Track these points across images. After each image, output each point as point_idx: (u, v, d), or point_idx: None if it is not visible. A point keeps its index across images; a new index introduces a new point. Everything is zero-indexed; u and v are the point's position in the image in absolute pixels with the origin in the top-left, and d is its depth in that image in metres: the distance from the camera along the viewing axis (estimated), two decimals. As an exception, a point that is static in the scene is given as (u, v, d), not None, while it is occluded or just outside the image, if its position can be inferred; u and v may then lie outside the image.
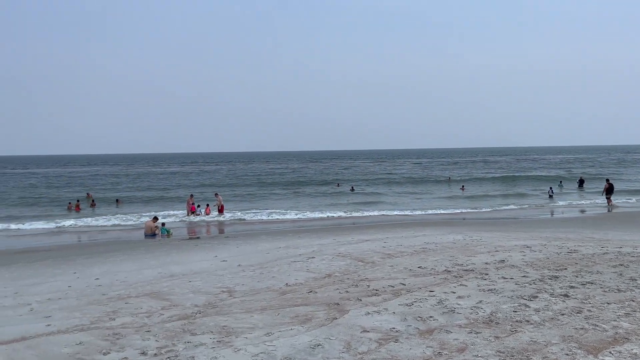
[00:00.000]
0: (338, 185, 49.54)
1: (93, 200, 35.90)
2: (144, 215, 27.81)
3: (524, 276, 10.23)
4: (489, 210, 29.45)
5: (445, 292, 9.15)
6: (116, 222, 26.64)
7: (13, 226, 25.34)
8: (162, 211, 30.04)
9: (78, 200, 34.04)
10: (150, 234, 21.05)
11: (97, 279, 11.79)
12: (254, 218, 27.31)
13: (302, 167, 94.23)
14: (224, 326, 7.67)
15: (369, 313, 8.04)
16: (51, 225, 25.76)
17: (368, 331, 7.19)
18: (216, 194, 30.98)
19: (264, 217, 27.41)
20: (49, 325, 8.05)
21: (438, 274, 10.73)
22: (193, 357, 6.43)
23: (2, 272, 13.08)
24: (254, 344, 6.80)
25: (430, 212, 28.55)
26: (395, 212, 28.61)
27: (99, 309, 8.94)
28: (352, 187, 43.64)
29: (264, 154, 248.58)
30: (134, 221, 26.76)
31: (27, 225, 25.75)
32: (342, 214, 28.31)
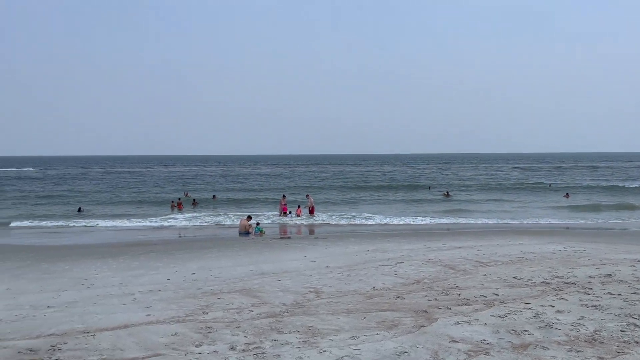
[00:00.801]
0: (429, 189, 48.39)
1: (194, 200, 38.03)
2: (238, 215, 28.91)
3: (634, 293, 9.37)
4: (594, 220, 27.36)
5: (542, 306, 8.60)
6: (213, 221, 27.93)
7: (127, 223, 27.39)
8: (256, 211, 31.07)
9: (180, 199, 36.19)
10: (245, 233, 21.82)
11: (194, 273, 12.40)
12: (343, 221, 27.41)
13: (393, 170, 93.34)
14: (310, 326, 7.74)
15: (458, 323, 7.75)
16: (154, 222, 27.54)
17: (457, 341, 6.92)
18: (307, 195, 31.51)
19: (354, 220, 27.42)
20: (149, 315, 8.58)
21: (535, 286, 10.12)
22: (279, 355, 6.54)
23: (111, 263, 14.14)
24: (339, 347, 6.79)
25: (529, 220, 27.04)
26: (492, 221, 27.41)
27: (193, 303, 9.39)
28: (447, 192, 42.43)
29: (355, 157, 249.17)
30: (230, 220, 27.90)
31: (135, 222, 27.75)
32: (433, 219, 27.63)
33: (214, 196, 40.12)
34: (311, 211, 29.42)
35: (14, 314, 8.80)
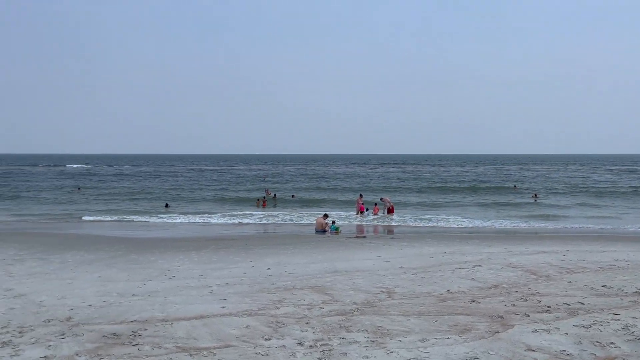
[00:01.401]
0: (515, 187, 46.18)
1: (275, 195, 39.21)
2: (315, 213, 29.24)
3: None
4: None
5: (633, 317, 7.95)
6: (291, 218, 28.45)
7: (210, 219, 28.60)
8: (333, 210, 31.28)
9: (264, 197, 37.46)
10: (321, 230, 22.02)
11: (269, 269, 12.68)
12: (420, 222, 26.90)
13: (476, 171, 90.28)
14: (380, 326, 7.66)
15: (536, 331, 7.34)
16: (235, 219, 28.52)
17: (533, 350, 6.56)
18: (382, 199, 30.95)
19: (432, 222, 26.82)
20: (223, 307, 8.88)
21: (627, 296, 9.38)
22: (346, 353, 6.53)
23: (193, 256, 14.79)
24: (408, 349, 6.66)
25: (630, 226, 25.10)
26: (582, 225, 25.75)
27: (267, 297, 9.60)
28: (535, 195, 40.38)
29: (436, 157, 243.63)
30: (306, 219, 28.28)
31: (218, 218, 28.89)
32: (516, 223, 26.40)
33: (292, 195, 40.90)
34: (390, 211, 29.12)
35: (103, 300, 9.43)
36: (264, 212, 31.19)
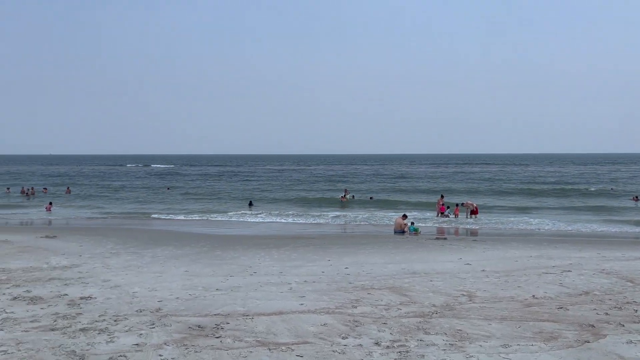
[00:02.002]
0: (636, 198, 43.01)
1: (353, 196, 39.41)
2: (393, 213, 28.98)
3: None
4: None
5: None
6: (369, 218, 28.40)
7: (290, 218, 29.24)
8: (413, 210, 30.85)
9: (346, 197, 38.07)
10: (399, 231, 21.80)
11: (347, 268, 12.74)
12: (504, 224, 25.86)
13: (564, 171, 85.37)
14: (459, 330, 7.47)
15: (631, 342, 6.85)
16: (313, 219, 28.92)
17: (628, 363, 6.12)
18: (463, 204, 29.81)
19: (518, 224, 25.69)
20: (302, 304, 9.04)
21: None
22: (423, 355, 6.43)
23: (274, 254, 15.17)
24: (488, 354, 6.46)
25: None
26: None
27: (344, 296, 9.66)
28: (636, 197, 37.46)
29: (521, 157, 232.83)
30: (387, 219, 28.10)
31: (298, 217, 29.46)
32: (615, 228, 24.68)
33: (370, 197, 40.78)
34: (474, 212, 28.23)
35: (189, 293, 9.92)
36: (342, 212, 31.41)
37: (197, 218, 29.05)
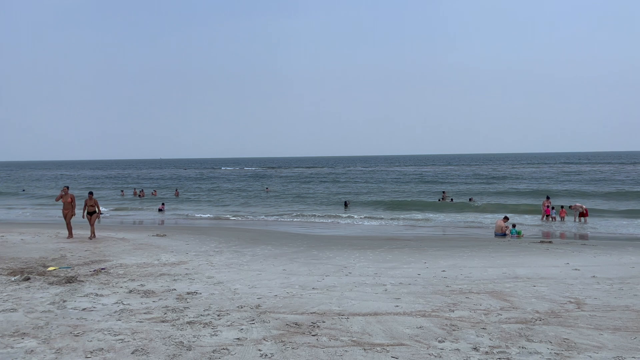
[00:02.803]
0: None
1: (452, 199, 38.35)
2: (494, 216, 27.82)
3: None
4: None
5: None
6: (467, 220, 27.50)
7: (389, 219, 29.13)
8: (515, 213, 29.45)
9: (443, 198, 37.34)
10: (500, 234, 20.91)
11: (444, 271, 12.44)
12: (619, 229, 23.84)
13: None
14: (566, 339, 7.03)
15: None
16: (408, 221, 28.53)
17: None
18: (571, 207, 27.91)
19: (636, 230, 23.58)
20: (397, 306, 8.97)
21: None
22: (525, 363, 6.13)
23: (368, 255, 15.18)
24: (599, 366, 6.01)
25: None
26: None
27: (440, 299, 9.45)
28: None
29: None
30: (487, 221, 27.06)
31: (393, 218, 29.24)
32: None
33: (470, 199, 39.51)
34: (583, 214, 26.38)
35: (286, 291, 10.21)
36: (439, 214, 30.71)
37: (295, 219, 29.80)
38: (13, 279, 11.21)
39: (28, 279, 11.15)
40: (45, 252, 15.39)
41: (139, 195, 48.18)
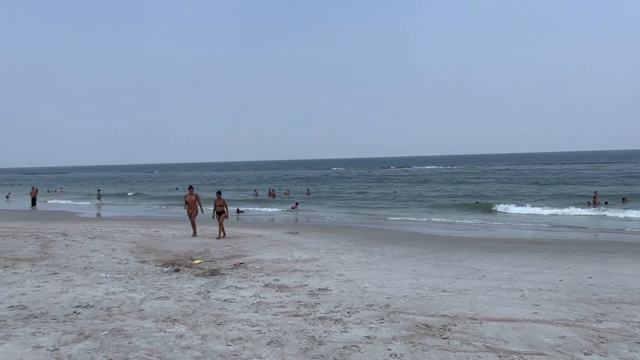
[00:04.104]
0: None
1: (606, 202, 34.82)
2: None
3: None
4: None
5: None
6: (619, 222, 24.89)
7: (535, 221, 27.47)
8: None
9: (594, 201, 34.09)
10: (659, 239, 18.60)
11: (590, 277, 11.40)
12: None
13: None
14: None
15: None
16: (553, 220, 26.55)
17: None
18: None
19: None
20: (535, 313, 8.41)
21: None
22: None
23: (504, 258, 14.42)
24: None
25: None
26: None
27: (586, 308, 8.68)
28: None
29: None
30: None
31: (536, 220, 27.43)
32: None
33: (623, 199, 35.61)
34: None
35: (416, 292, 10.07)
36: (585, 215, 28.20)
37: (421, 219, 29.30)
38: (165, 269, 12.45)
39: (178, 270, 12.31)
40: (192, 246, 16.86)
41: (273, 195, 50.66)
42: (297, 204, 37.47)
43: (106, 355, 6.42)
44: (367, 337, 7.22)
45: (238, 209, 36.40)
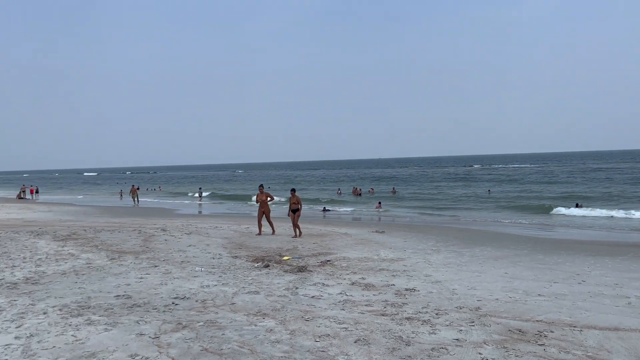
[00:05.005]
0: None
1: None
2: None
3: None
4: None
5: None
6: None
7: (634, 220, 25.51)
8: None
9: None
10: None
11: None
12: None
13: None
14: None
15: None
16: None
17: None
18: None
19: None
20: (644, 322, 7.77)
21: None
22: None
23: (606, 262, 13.45)
24: None
25: None
26: None
27: None
28: None
29: None
30: None
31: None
32: None
33: None
34: None
35: (509, 295, 9.66)
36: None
37: (512, 219, 28.04)
38: (256, 265, 12.88)
39: (267, 266, 12.69)
40: (281, 243, 17.30)
41: (359, 194, 50.72)
42: (380, 203, 37.27)
43: (201, 345, 6.76)
44: (457, 339, 7.03)
45: (324, 208, 36.88)
